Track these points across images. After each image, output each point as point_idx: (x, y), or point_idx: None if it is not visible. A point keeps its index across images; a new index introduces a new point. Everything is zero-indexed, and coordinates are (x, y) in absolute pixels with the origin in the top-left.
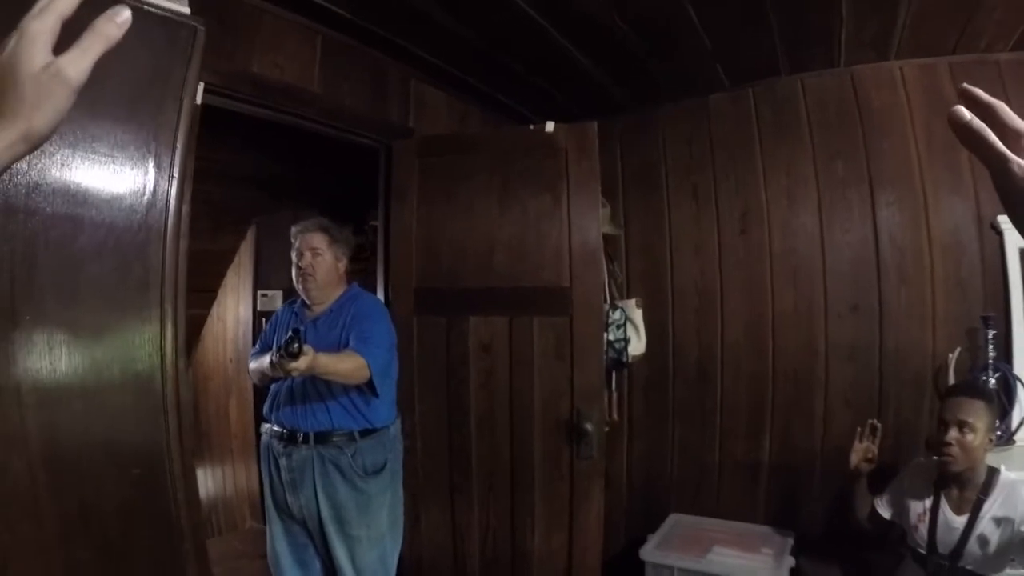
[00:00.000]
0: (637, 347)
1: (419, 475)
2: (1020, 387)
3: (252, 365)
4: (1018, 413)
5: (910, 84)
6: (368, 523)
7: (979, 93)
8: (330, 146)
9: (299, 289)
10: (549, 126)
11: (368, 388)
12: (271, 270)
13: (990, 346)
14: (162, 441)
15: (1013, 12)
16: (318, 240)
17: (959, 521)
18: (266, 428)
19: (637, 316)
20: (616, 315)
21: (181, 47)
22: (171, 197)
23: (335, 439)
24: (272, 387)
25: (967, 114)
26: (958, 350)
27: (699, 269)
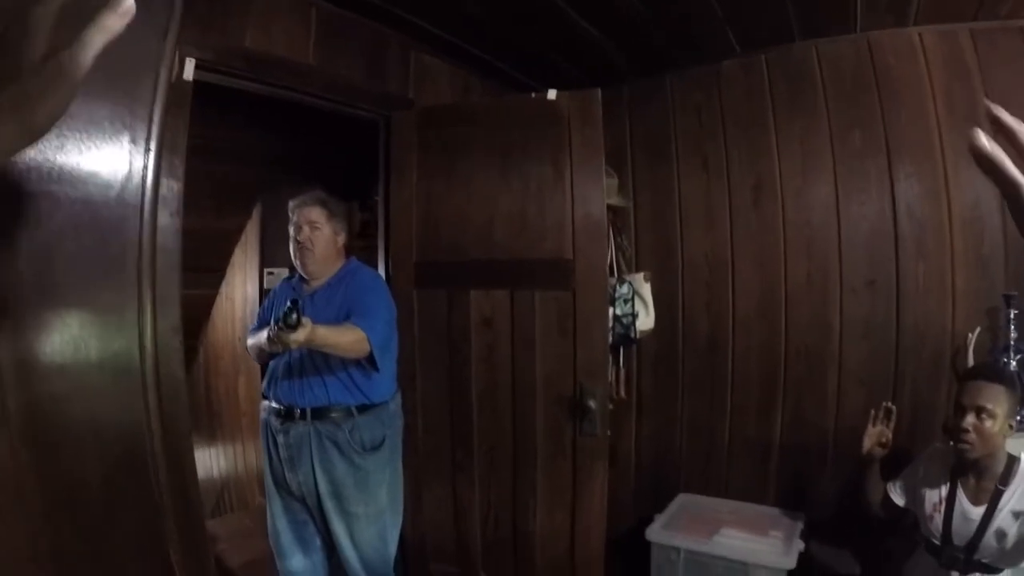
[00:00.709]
0: (646, 322)
1: (420, 452)
2: None
3: (250, 341)
4: None
5: (930, 51)
6: (366, 500)
7: (1004, 116)
8: (334, 121)
9: (297, 264)
10: (551, 94)
11: (369, 363)
12: (277, 248)
13: (1012, 326)
14: (142, 420)
15: None
16: (316, 214)
17: (976, 512)
18: (264, 405)
19: (646, 290)
20: (624, 289)
21: (158, 20)
22: (148, 171)
23: (332, 415)
24: (270, 364)
25: (985, 141)
26: (978, 330)
27: (710, 241)
